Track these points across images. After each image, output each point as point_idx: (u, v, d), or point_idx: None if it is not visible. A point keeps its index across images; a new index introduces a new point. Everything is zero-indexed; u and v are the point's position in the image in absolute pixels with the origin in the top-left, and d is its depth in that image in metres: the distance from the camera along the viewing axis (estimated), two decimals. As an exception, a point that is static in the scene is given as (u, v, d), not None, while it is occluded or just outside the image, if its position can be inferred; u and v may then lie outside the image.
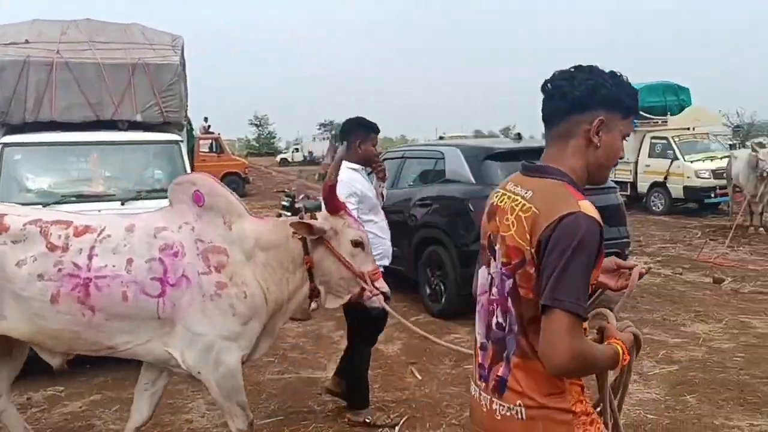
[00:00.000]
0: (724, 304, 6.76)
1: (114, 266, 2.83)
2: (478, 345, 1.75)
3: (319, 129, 61.68)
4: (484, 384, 1.70)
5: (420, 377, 4.81)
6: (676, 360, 4.95)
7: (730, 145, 17.98)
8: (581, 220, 1.48)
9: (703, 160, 15.34)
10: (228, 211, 3.06)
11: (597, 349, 1.58)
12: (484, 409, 1.68)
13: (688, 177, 15.27)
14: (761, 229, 12.39)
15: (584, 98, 1.59)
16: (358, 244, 3.17)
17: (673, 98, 16.94)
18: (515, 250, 1.57)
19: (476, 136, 75.77)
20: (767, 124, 39.12)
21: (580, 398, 1.60)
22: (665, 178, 15.86)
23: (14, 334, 2.92)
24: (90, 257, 2.83)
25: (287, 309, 3.19)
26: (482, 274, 1.75)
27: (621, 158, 1.70)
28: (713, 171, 14.94)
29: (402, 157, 7.48)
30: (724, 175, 13.82)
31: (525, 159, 1.73)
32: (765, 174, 11.86)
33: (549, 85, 1.65)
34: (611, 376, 1.75)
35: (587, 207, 1.51)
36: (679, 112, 16.39)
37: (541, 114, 1.69)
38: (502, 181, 1.79)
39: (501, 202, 1.68)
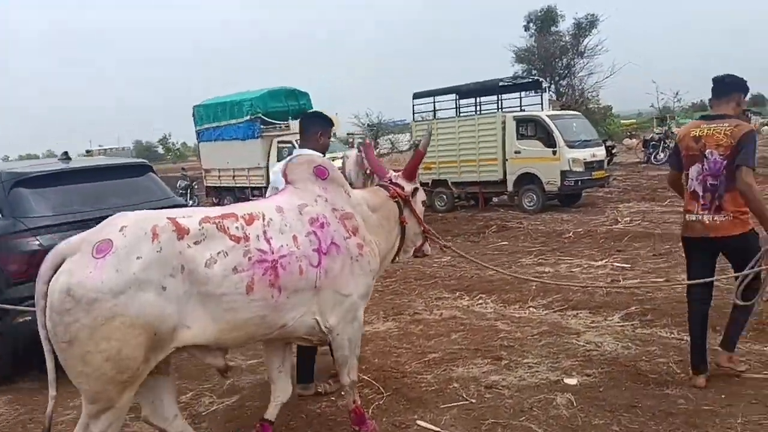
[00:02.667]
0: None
1: (287, 245, 2.98)
2: (699, 198, 3.84)
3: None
4: (707, 211, 3.80)
5: None
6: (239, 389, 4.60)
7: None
8: (752, 132, 3.78)
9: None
10: (344, 182, 3.45)
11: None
12: (707, 221, 3.80)
13: (314, 178, 15.95)
14: (374, 221, 13.50)
15: None
16: (424, 203, 3.99)
17: (294, 103, 17.54)
18: (728, 147, 3.72)
19: (136, 148, 71.57)
20: (392, 122, 44.06)
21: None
22: (293, 181, 16.34)
23: (199, 340, 2.78)
24: (268, 241, 2.93)
25: (385, 263, 3.69)
26: (696, 168, 3.86)
27: None
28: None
29: None
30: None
31: (76, 180, 4.03)
32: (369, 171, 12.92)
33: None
34: None
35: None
36: (302, 117, 17.04)
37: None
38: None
39: (702, 132, 3.86)
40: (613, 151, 24.06)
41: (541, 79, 18.66)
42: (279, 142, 16.69)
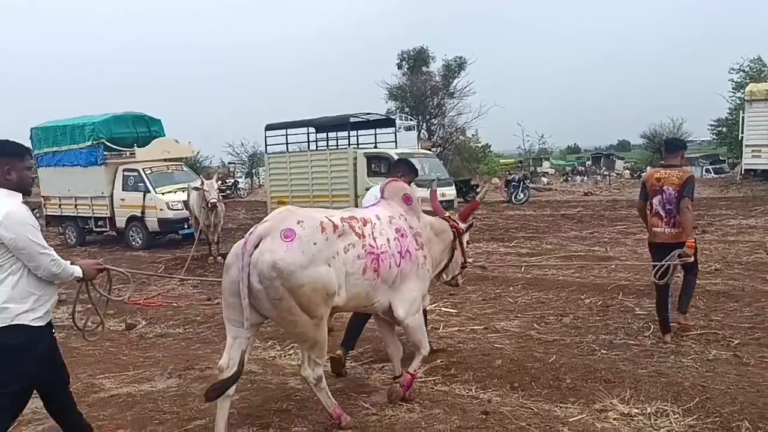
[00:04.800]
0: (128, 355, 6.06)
1: (384, 244, 4.10)
2: (661, 217, 5.74)
3: None
4: (665, 225, 5.72)
5: None
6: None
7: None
8: (692, 176, 5.90)
9: (175, 192, 15.15)
10: (419, 209, 4.55)
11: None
12: (666, 232, 5.73)
13: (161, 209, 14.95)
14: (219, 258, 12.67)
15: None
16: (468, 243, 5.35)
17: (144, 130, 16.46)
18: (678, 185, 5.62)
19: None
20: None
21: None
22: (143, 212, 15.24)
23: (339, 302, 3.88)
24: (374, 239, 4.05)
25: (436, 271, 4.81)
26: (658, 198, 5.73)
27: None
28: (185, 202, 14.86)
29: None
30: (191, 205, 13.82)
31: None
32: (211, 204, 12.16)
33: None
34: None
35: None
36: (150, 144, 16.00)
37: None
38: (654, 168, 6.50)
39: (661, 175, 5.77)
40: (477, 190, 24.68)
41: (395, 117, 18.78)
42: (125, 170, 15.55)
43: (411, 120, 25.25)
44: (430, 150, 31.05)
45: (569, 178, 40.67)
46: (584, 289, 7.99)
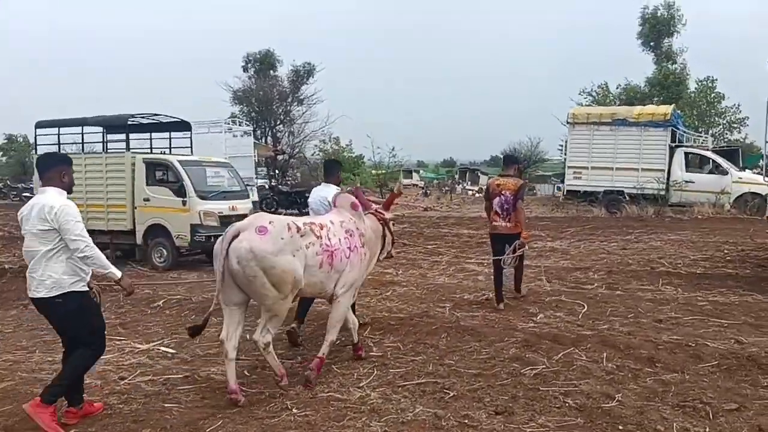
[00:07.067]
0: None
1: (337, 242, 5.28)
2: (500, 215, 7.75)
3: None
4: (502, 220, 7.73)
5: None
6: None
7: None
8: (524, 183, 8.29)
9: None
10: (361, 215, 5.77)
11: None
12: (503, 226, 7.74)
13: None
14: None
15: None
16: (394, 224, 6.59)
17: None
18: (514, 190, 7.68)
19: None
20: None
21: None
22: None
23: (301, 286, 5.01)
24: (329, 239, 5.21)
25: (374, 261, 6.07)
26: (498, 200, 7.73)
27: None
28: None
29: None
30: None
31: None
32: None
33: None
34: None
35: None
36: None
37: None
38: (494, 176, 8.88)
39: (500, 182, 7.84)
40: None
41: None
42: None
43: (247, 125, 23.92)
44: (275, 156, 29.95)
45: (427, 192, 41.04)
46: (334, 324, 7.11)
